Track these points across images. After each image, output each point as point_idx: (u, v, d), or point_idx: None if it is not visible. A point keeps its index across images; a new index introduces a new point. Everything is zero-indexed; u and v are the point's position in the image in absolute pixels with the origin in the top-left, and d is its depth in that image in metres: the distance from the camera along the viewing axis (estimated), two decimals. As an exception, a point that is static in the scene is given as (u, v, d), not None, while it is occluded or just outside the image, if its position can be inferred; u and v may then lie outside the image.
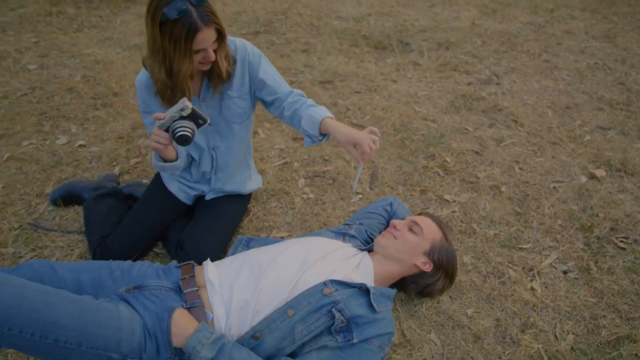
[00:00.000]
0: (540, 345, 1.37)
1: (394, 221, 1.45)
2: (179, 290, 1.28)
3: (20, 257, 1.67)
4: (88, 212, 1.77)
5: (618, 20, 4.27)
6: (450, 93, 2.89)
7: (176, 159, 1.43)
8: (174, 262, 1.40)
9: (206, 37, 1.26)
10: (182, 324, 1.15)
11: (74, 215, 1.87)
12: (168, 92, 1.39)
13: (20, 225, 1.81)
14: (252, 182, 1.81)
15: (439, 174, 2.12)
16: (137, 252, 1.60)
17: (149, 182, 1.97)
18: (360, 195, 1.99)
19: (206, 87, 1.50)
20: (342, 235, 1.53)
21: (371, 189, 2.03)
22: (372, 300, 1.28)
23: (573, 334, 1.42)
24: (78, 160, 2.20)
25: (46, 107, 2.64)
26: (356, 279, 1.34)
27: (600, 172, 2.13)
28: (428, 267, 1.40)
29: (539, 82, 3.04)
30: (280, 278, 1.29)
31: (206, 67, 1.38)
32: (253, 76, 1.53)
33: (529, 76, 3.13)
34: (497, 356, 1.35)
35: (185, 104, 1.25)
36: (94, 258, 1.57)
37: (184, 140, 1.27)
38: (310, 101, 1.53)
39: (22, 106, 2.64)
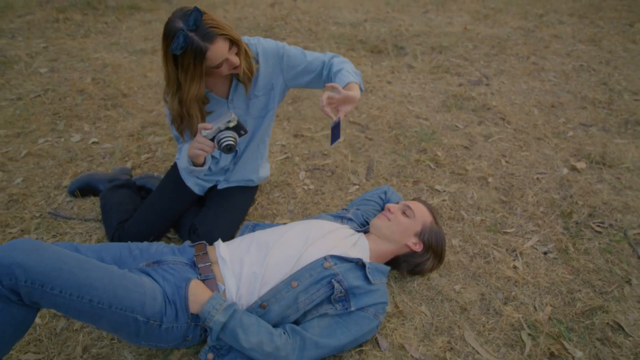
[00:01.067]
0: (520, 315, 1.51)
1: (389, 205, 1.59)
2: (193, 265, 1.42)
3: (43, 242, 1.81)
4: (104, 202, 1.90)
5: (604, 24, 4.45)
6: (442, 93, 3.04)
7: (204, 164, 1.55)
8: (188, 242, 1.54)
9: (217, 52, 1.35)
10: (198, 293, 1.29)
11: (91, 205, 2.01)
12: (180, 121, 1.53)
13: (41, 215, 1.95)
14: (263, 170, 1.94)
15: (430, 167, 2.27)
16: (152, 237, 1.73)
17: (160, 175, 2.12)
18: (357, 186, 2.13)
19: (234, 89, 1.62)
20: (340, 218, 1.67)
21: (367, 180, 2.17)
22: (367, 274, 1.42)
23: (551, 305, 1.56)
24: (92, 156, 2.34)
25: (59, 108, 2.78)
26: (353, 255, 1.48)
27: (580, 165, 2.28)
28: (418, 247, 1.54)
29: (527, 83, 3.20)
30: (285, 254, 1.43)
31: (236, 71, 1.49)
32: (283, 68, 1.63)
33: (517, 77, 3.29)
34: (482, 325, 1.49)
35: (233, 117, 1.39)
36: (112, 241, 1.71)
37: (229, 149, 1.40)
38: (338, 65, 1.59)
39: (36, 107, 2.79)
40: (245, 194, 1.91)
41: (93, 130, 2.57)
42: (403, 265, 1.59)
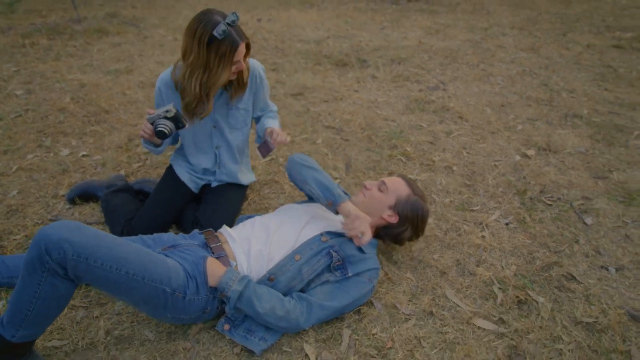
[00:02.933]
0: (490, 274, 1.77)
1: (366, 182, 1.76)
2: (205, 246, 1.58)
3: (49, 245, 1.90)
4: (106, 205, 2.03)
5: (541, 35, 4.98)
6: (405, 98, 3.35)
7: (160, 145, 1.78)
8: (196, 230, 1.70)
9: (242, 50, 1.59)
10: (214, 268, 1.45)
11: (90, 210, 2.12)
12: (195, 104, 1.70)
13: (43, 222, 2.04)
14: (248, 175, 2.13)
15: (402, 160, 2.53)
16: (158, 232, 1.87)
17: (155, 179, 2.26)
18: (338, 180, 2.35)
19: (218, 96, 1.82)
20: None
21: (347, 174, 2.40)
22: (361, 247, 1.63)
23: (515, 265, 1.82)
24: (84, 167, 2.45)
25: (42, 126, 2.86)
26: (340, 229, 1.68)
27: (530, 152, 2.62)
28: (394, 219, 1.70)
29: (478, 87, 3.57)
30: (286, 232, 1.62)
31: (234, 76, 1.72)
32: (255, 92, 1.90)
33: (469, 82, 3.66)
34: (459, 284, 1.73)
35: (170, 108, 1.58)
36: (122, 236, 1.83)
37: (161, 135, 1.59)
38: (272, 114, 2.00)
39: (19, 126, 2.85)
40: (237, 190, 2.08)
41: (81, 144, 2.67)
42: (385, 237, 1.77)
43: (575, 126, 2.96)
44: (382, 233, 1.77)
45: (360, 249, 1.63)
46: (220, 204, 1.95)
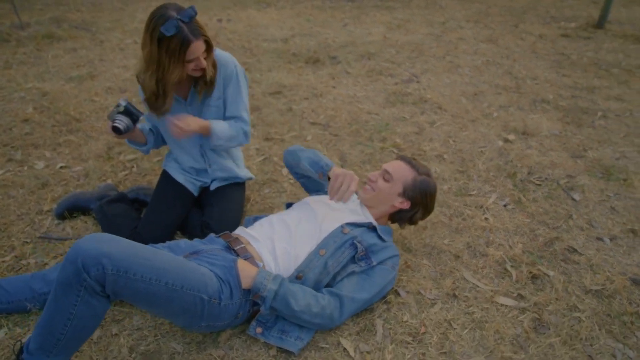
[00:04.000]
0: (501, 253, 1.84)
1: (370, 174, 1.73)
2: (228, 249, 1.53)
3: (45, 264, 1.77)
4: (102, 217, 1.91)
5: (495, 27, 5.23)
6: (382, 92, 3.41)
7: (145, 144, 1.85)
8: (212, 235, 1.65)
9: (197, 48, 1.52)
10: (246, 269, 1.41)
11: (83, 224, 1.99)
12: (154, 99, 1.65)
13: (32, 240, 1.89)
14: (244, 170, 2.07)
15: (394, 152, 2.58)
16: (166, 239, 1.79)
17: (149, 185, 2.17)
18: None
19: (193, 93, 1.76)
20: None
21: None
22: (379, 233, 1.65)
23: (521, 243, 1.91)
24: (65, 180, 2.30)
25: (8, 139, 2.65)
26: (362, 221, 1.69)
27: (511, 137, 2.75)
28: (406, 205, 1.70)
29: (449, 78, 3.70)
30: (307, 229, 1.60)
31: (198, 74, 1.65)
32: (225, 88, 1.81)
33: (440, 74, 3.79)
34: (474, 265, 1.79)
35: (120, 102, 1.61)
36: (128, 248, 1.74)
37: (116, 130, 1.62)
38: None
39: (-20, 140, 2.63)
40: (238, 189, 2.02)
41: (56, 155, 2.50)
42: (399, 221, 1.79)
43: (545, 110, 3.14)
44: (396, 218, 1.79)
45: (380, 238, 1.64)
46: (225, 205, 1.89)
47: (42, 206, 2.09)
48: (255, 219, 1.94)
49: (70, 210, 2.01)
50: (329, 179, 1.62)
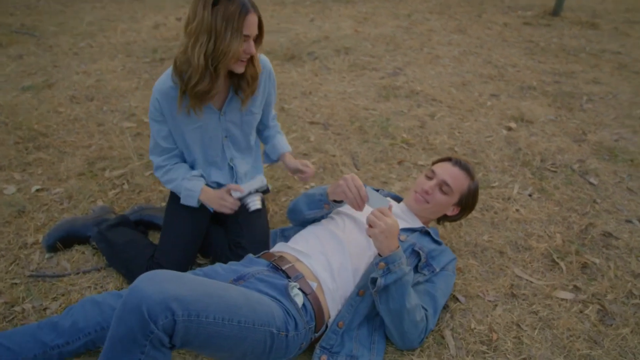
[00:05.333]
0: (545, 245, 1.78)
1: (425, 186, 1.56)
2: (275, 270, 1.35)
3: (46, 309, 1.49)
4: (105, 245, 1.66)
5: (460, 18, 5.29)
6: (372, 86, 3.30)
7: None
8: (250, 255, 1.45)
9: (253, 23, 1.32)
10: (390, 239, 1.24)
11: (81, 256, 1.71)
12: (198, 79, 1.35)
13: (22, 281, 1.60)
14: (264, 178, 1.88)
15: (404, 147, 2.47)
16: (189, 263, 1.57)
17: (151, 204, 1.92)
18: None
19: (229, 102, 1.55)
20: None
21: (358, 169, 2.27)
22: (434, 237, 1.53)
23: (558, 233, 1.86)
24: (46, 204, 1.98)
25: (-37, 162, 2.27)
26: (415, 225, 1.56)
27: (512, 125, 2.73)
28: (455, 212, 1.62)
29: (433, 69, 3.66)
30: (358, 240, 1.45)
31: (241, 68, 1.43)
32: (269, 93, 1.65)
33: (423, 66, 3.74)
34: (522, 260, 1.72)
35: (264, 182, 1.53)
36: (149, 280, 1.50)
37: (257, 211, 1.55)
38: (280, 131, 1.86)
39: None
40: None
41: (27, 177, 2.17)
42: (442, 221, 1.69)
43: (534, 97, 3.17)
44: (440, 221, 1.69)
45: (436, 241, 1.53)
46: (253, 220, 1.69)
47: (24, 238, 1.78)
48: (283, 231, 1.76)
49: (63, 240, 1.72)
50: (334, 201, 1.48)
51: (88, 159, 2.32)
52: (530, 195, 2.10)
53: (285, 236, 1.73)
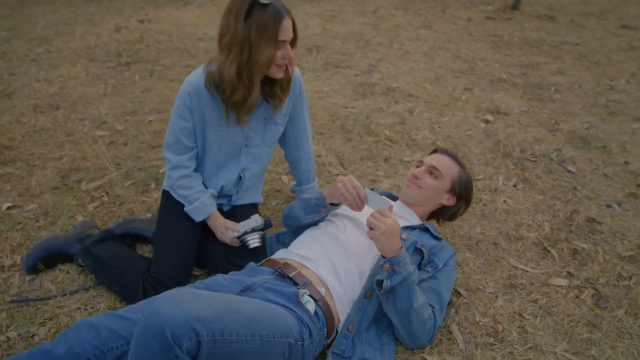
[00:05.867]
0: (535, 234, 1.83)
1: (414, 171, 1.62)
2: (280, 278, 1.31)
3: (34, 335, 1.39)
4: (92, 261, 1.57)
5: (425, 13, 5.38)
6: (348, 84, 3.29)
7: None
8: (252, 264, 1.41)
9: (288, 27, 1.31)
10: (392, 241, 1.24)
11: (66, 275, 1.61)
12: (230, 91, 1.37)
13: (3, 308, 1.48)
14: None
15: (388, 144, 2.48)
16: (188, 275, 1.51)
17: (136, 216, 1.83)
18: (341, 176, 2.19)
19: (260, 109, 1.53)
20: None
21: (345, 168, 2.26)
22: (434, 233, 1.54)
23: (546, 221, 1.92)
24: (20, 223, 1.85)
25: None
26: (411, 222, 1.56)
27: (489, 117, 2.80)
28: (452, 202, 1.64)
29: (405, 65, 3.70)
30: (360, 241, 1.43)
31: (281, 74, 1.41)
32: (294, 103, 1.63)
33: (395, 62, 3.77)
34: (515, 251, 1.76)
35: (258, 220, 1.51)
36: (144, 294, 1.42)
37: (255, 250, 1.53)
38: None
39: None
40: (252, 207, 1.79)
41: (-5, 194, 2.02)
42: (439, 217, 1.71)
43: (505, 89, 3.26)
44: (437, 214, 1.70)
45: (436, 237, 1.53)
46: (249, 227, 1.64)
47: (0, 261, 1.66)
48: (278, 236, 1.73)
49: (45, 260, 1.61)
50: (332, 204, 1.47)
51: (60, 172, 2.19)
52: (515, 186, 2.15)
53: (281, 241, 1.69)
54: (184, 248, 1.53)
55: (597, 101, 3.10)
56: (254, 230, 1.51)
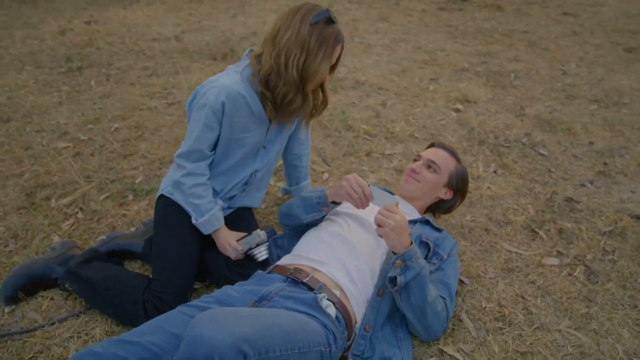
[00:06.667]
0: (522, 218, 1.90)
1: (413, 165, 1.63)
2: (295, 284, 1.27)
3: (24, 370, 1.27)
4: (80, 285, 1.45)
5: (379, 6, 5.43)
6: (317, 80, 3.26)
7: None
8: (260, 272, 1.36)
9: (338, 53, 1.35)
10: (402, 236, 1.24)
11: (50, 302, 1.48)
12: (293, 97, 1.35)
13: (-17, 344, 1.34)
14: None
15: (367, 139, 2.48)
16: (190, 290, 1.44)
17: (120, 232, 1.72)
18: (327, 173, 2.17)
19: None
20: None
21: (329, 165, 2.24)
22: (434, 225, 1.55)
23: (530, 204, 2.00)
24: (-14, 248, 1.69)
25: None
26: (410, 217, 1.57)
27: (459, 106, 2.87)
28: (449, 195, 1.65)
29: (369, 58, 3.72)
30: (366, 239, 1.42)
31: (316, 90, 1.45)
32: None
33: (358, 55, 3.78)
34: (506, 235, 1.81)
35: (261, 236, 1.47)
36: (146, 314, 1.33)
37: (264, 263, 1.49)
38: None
39: None
40: (249, 212, 1.73)
41: (-47, 220, 1.83)
42: (436, 211, 1.73)
43: (469, 78, 3.36)
44: (434, 208, 1.72)
45: (437, 229, 1.55)
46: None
47: (-28, 293, 1.50)
48: (275, 240, 1.68)
49: (25, 288, 1.48)
50: (334, 202, 1.46)
51: (24, 189, 2.02)
52: (495, 172, 2.22)
53: (279, 245, 1.64)
54: (188, 262, 1.45)
55: (554, 86, 3.26)
56: (257, 245, 1.48)
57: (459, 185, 1.65)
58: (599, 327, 1.43)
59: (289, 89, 1.33)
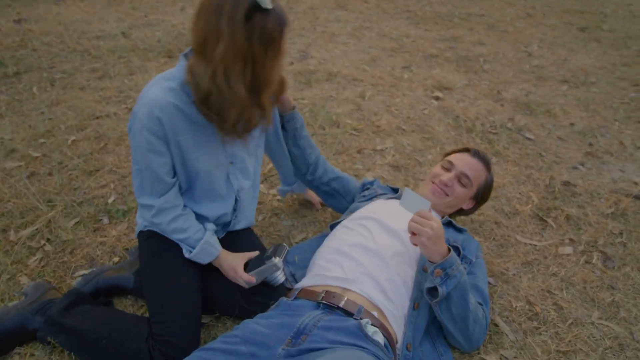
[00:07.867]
0: (528, 207, 1.86)
1: (443, 178, 1.47)
2: (330, 310, 1.14)
3: None
4: (66, 336, 1.23)
5: (335, -6, 5.29)
6: (287, 73, 3.08)
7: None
8: (284, 299, 1.21)
9: (286, 37, 1.06)
10: (439, 245, 1.15)
11: (30, 359, 1.25)
12: (244, 116, 1.08)
13: (-49, 423, 1.10)
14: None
15: (354, 134, 2.35)
16: (199, 327, 1.25)
17: (107, 265, 1.49)
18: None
19: None
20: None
21: (321, 167, 2.09)
22: (457, 225, 1.46)
23: (532, 192, 1.97)
24: (-62, 299, 1.40)
25: None
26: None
27: (438, 94, 2.81)
28: (470, 205, 1.55)
29: (337, 48, 3.58)
30: (393, 245, 1.30)
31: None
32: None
33: (325, 46, 3.63)
34: (516, 226, 1.77)
35: (278, 266, 1.25)
36: (155, 364, 1.15)
37: (282, 284, 1.33)
38: None
39: None
40: (250, 231, 1.55)
41: None
42: (455, 217, 1.63)
43: (440, 64, 3.32)
44: (454, 215, 1.62)
45: (459, 230, 1.46)
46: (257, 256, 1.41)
47: None
48: (285, 257, 1.52)
49: (1, 344, 1.23)
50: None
51: (-25, 223, 1.71)
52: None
53: (290, 262, 1.49)
54: (189, 295, 1.26)
55: (523, 68, 3.29)
56: (274, 271, 1.28)
57: (484, 196, 1.54)
58: (628, 314, 1.41)
59: (239, 109, 1.06)
